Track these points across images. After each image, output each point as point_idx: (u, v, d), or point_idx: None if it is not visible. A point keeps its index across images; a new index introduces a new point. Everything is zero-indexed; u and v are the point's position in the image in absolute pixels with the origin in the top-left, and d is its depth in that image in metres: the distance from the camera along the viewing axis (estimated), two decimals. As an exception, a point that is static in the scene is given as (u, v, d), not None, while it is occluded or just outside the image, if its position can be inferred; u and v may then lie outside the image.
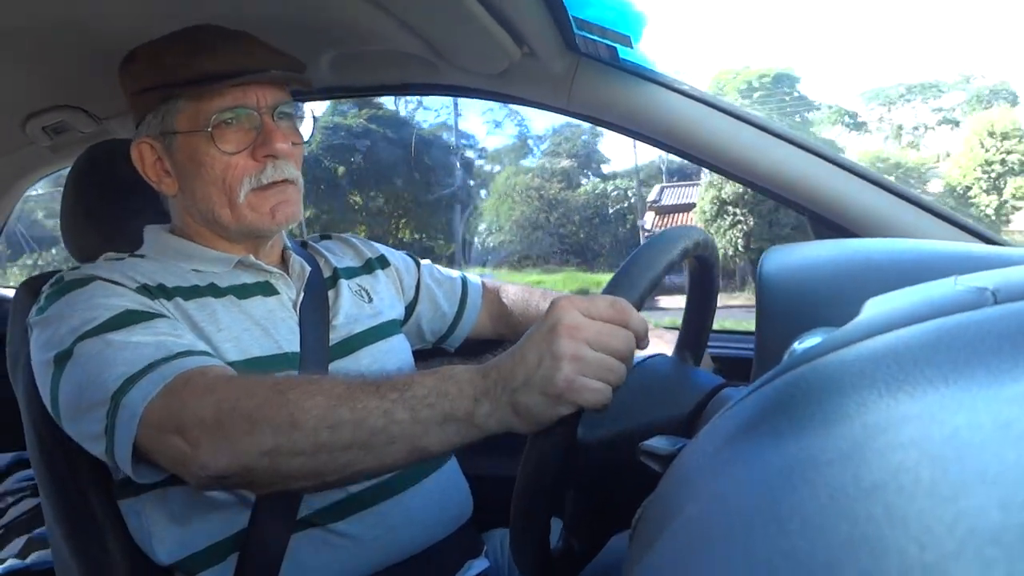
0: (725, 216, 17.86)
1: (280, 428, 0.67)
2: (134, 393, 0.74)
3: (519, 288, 1.28)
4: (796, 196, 1.17)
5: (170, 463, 0.75)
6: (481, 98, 1.35)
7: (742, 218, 17.41)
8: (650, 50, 1.19)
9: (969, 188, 13.92)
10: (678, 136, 1.21)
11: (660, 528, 0.29)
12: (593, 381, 0.59)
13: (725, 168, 1.20)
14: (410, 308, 1.20)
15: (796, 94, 18.54)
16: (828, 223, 1.15)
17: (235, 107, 0.91)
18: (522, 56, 1.19)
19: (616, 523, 0.71)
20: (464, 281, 1.26)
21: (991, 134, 13.78)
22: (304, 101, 1.03)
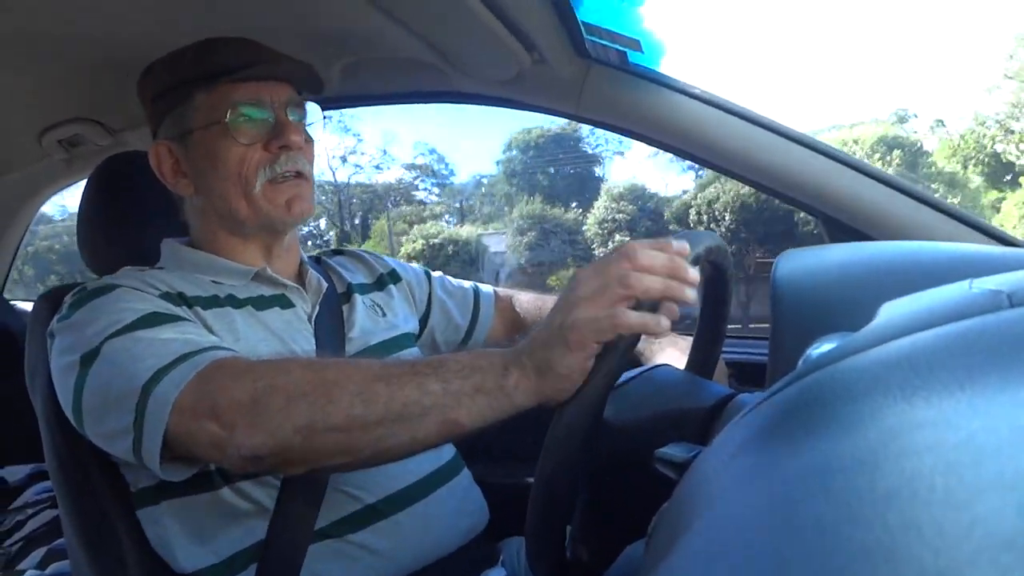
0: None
1: (315, 402, 0.68)
2: (166, 383, 0.75)
3: (532, 296, 1.28)
4: (810, 199, 1.16)
5: (204, 449, 0.75)
6: (491, 104, 1.35)
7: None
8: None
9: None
10: (690, 140, 1.21)
11: (676, 535, 0.29)
12: (608, 309, 0.62)
13: (738, 172, 1.20)
14: (423, 321, 1.20)
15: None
16: (842, 226, 1.15)
17: (250, 101, 0.94)
18: (532, 62, 1.19)
19: (625, 534, 0.71)
20: (476, 291, 1.26)
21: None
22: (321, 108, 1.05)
